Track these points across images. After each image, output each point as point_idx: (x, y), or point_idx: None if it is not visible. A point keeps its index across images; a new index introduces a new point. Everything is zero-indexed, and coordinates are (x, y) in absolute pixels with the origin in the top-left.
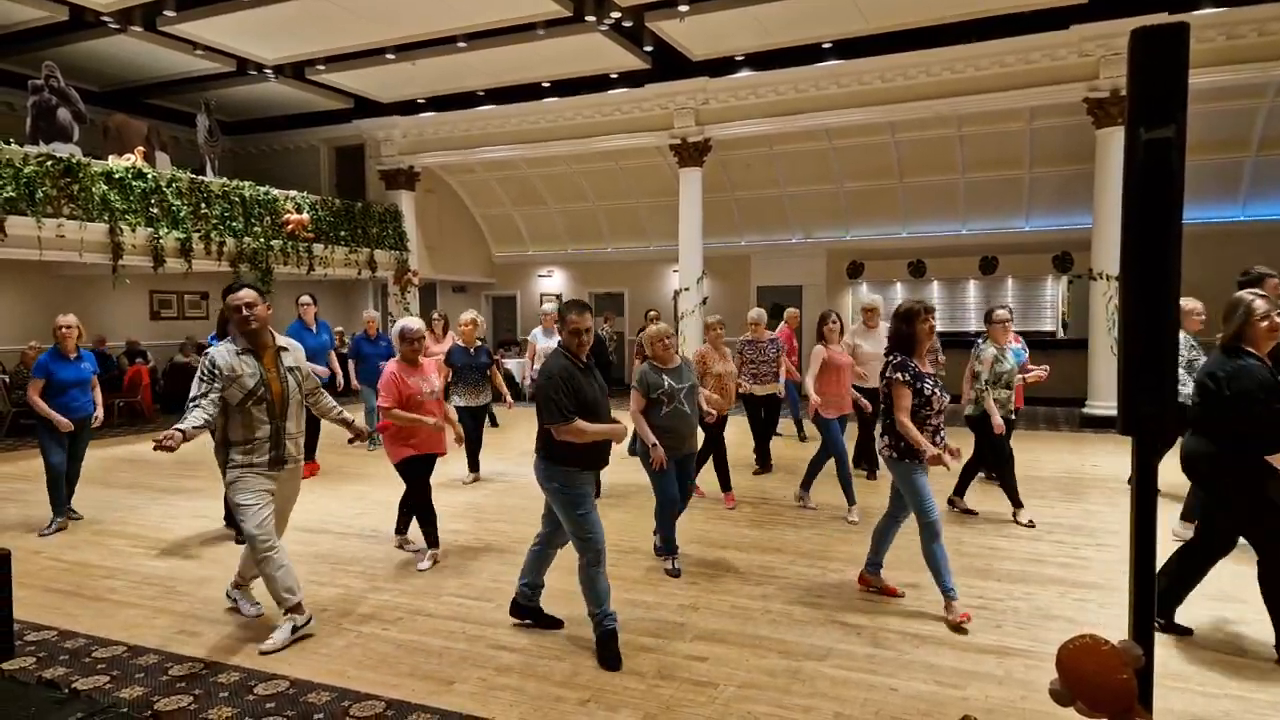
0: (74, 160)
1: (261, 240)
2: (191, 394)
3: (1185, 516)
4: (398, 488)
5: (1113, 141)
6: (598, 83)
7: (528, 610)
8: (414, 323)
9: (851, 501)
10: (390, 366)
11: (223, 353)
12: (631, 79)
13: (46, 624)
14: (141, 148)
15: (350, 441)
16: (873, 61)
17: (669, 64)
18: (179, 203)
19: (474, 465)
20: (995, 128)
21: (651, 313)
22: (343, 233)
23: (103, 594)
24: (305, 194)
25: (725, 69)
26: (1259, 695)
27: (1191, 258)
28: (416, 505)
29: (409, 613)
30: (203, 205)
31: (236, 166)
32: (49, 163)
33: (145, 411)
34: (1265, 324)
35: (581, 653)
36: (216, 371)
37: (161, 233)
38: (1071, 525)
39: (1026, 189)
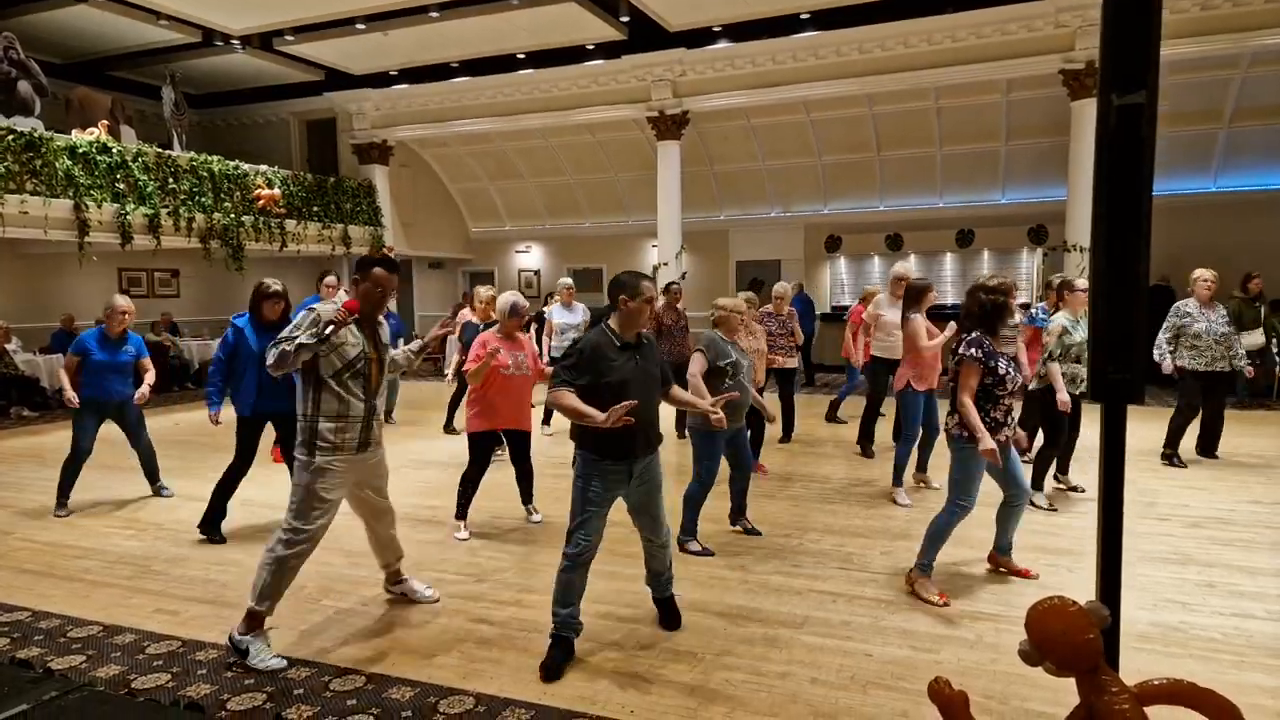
0: (36, 135)
1: (232, 216)
2: (285, 334)
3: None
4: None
5: (1088, 113)
6: (574, 54)
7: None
8: (523, 300)
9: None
10: (488, 336)
11: (329, 312)
12: (608, 50)
13: (20, 605)
14: (106, 121)
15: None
16: (850, 33)
17: (646, 35)
18: (145, 178)
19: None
20: (972, 100)
21: (675, 285)
22: (315, 208)
23: (76, 574)
24: (276, 169)
25: (703, 40)
26: (1223, 655)
27: (1164, 229)
28: (474, 480)
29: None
30: (170, 180)
31: (204, 140)
32: (10, 137)
33: None
34: None
35: None
36: (316, 330)
37: (128, 209)
38: (1047, 493)
39: (1003, 162)
